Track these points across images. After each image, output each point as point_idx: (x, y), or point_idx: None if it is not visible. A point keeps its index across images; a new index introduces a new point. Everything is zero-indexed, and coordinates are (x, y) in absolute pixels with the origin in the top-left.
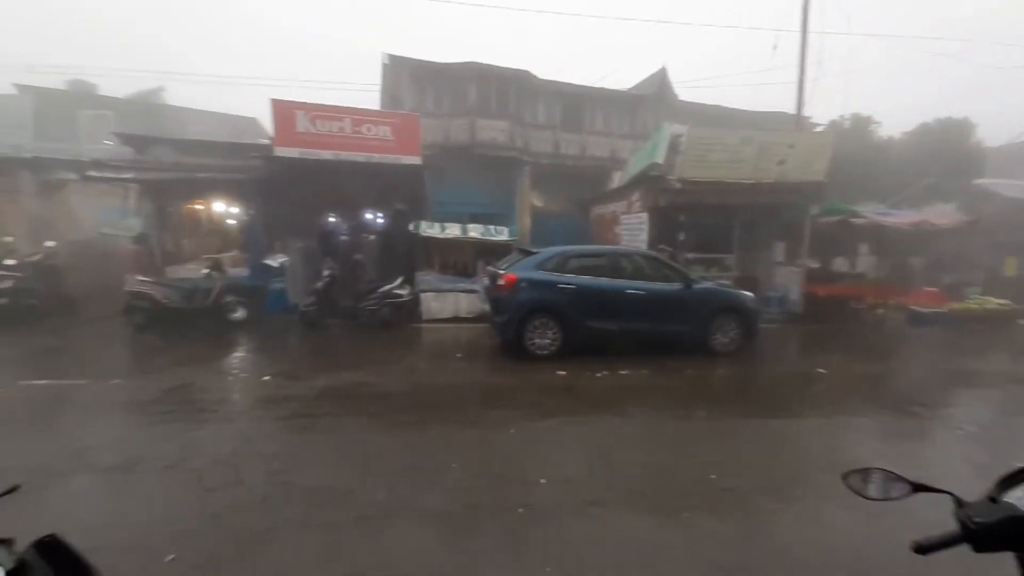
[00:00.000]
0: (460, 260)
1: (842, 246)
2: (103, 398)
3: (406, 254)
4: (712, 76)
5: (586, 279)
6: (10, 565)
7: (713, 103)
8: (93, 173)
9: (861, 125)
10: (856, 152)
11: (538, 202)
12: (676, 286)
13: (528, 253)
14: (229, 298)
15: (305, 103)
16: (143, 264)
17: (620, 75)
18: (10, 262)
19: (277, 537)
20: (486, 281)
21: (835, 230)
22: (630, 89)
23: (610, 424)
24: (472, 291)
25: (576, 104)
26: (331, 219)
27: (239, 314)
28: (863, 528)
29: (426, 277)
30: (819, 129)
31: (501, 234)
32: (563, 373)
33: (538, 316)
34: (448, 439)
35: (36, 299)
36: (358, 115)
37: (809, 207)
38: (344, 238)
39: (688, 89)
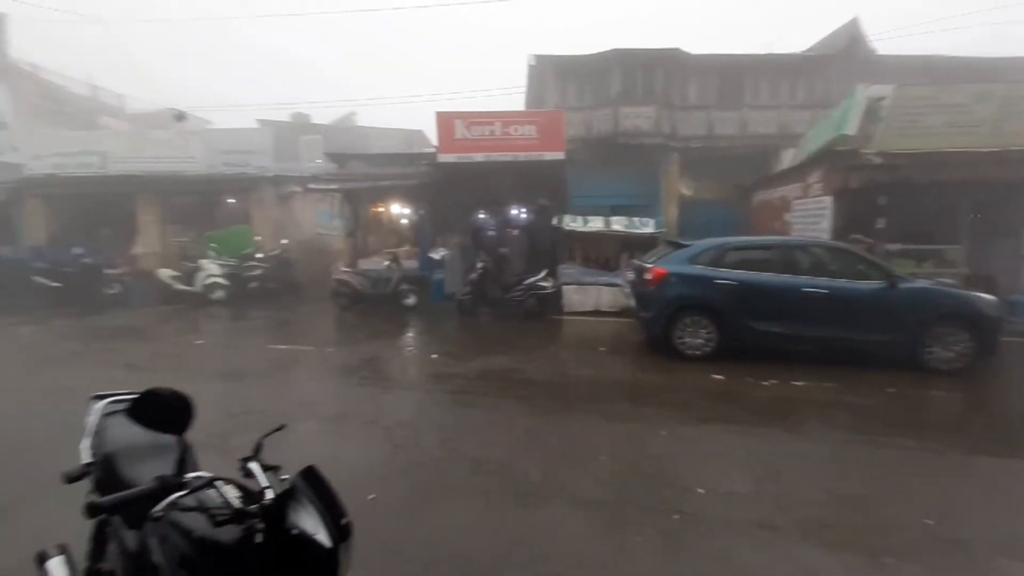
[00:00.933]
0: (603, 253)
1: None
2: (321, 362)
3: (550, 247)
4: (924, 21)
5: (750, 274)
6: (280, 488)
7: (927, 53)
8: (311, 186)
9: None
10: None
11: (687, 191)
12: (875, 285)
13: (678, 245)
14: (404, 286)
15: (462, 112)
16: (353, 256)
17: (794, 38)
18: (260, 255)
19: (450, 496)
20: (631, 275)
21: None
22: (807, 51)
23: (780, 439)
24: (614, 285)
25: (735, 77)
26: (480, 216)
27: (411, 300)
28: None
29: (569, 270)
30: None
31: (646, 226)
32: (720, 377)
33: (689, 313)
34: (596, 431)
35: (275, 283)
36: (506, 118)
37: None
38: (491, 233)
39: (891, 42)
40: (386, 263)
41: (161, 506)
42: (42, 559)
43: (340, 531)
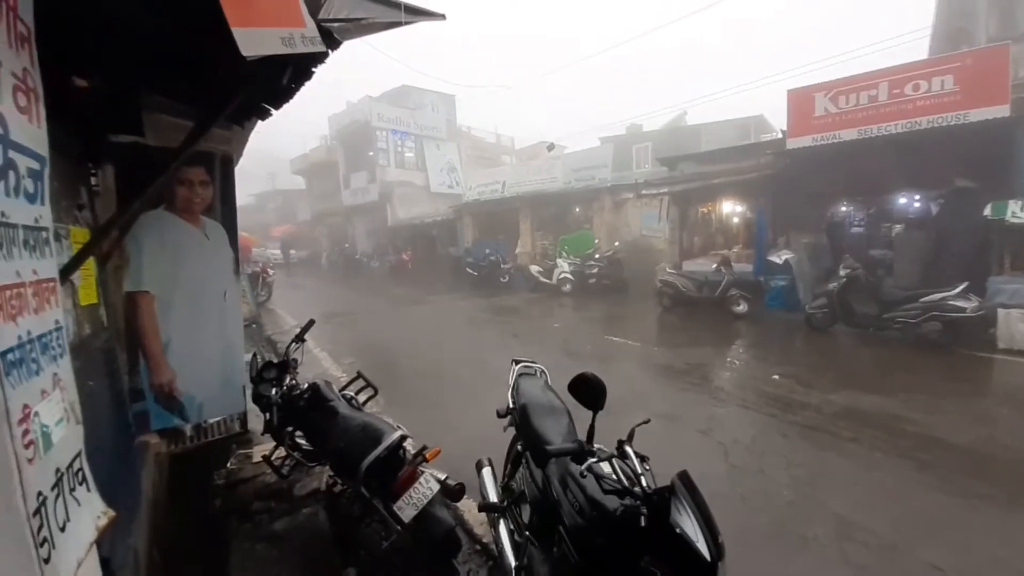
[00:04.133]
0: None
1: None
2: (650, 359)
3: (971, 251)
4: None
5: None
6: (651, 479)
7: None
8: (644, 192)
9: None
10: None
11: None
12: None
13: None
14: (733, 292)
15: (825, 83)
16: (678, 257)
17: None
18: (597, 256)
19: (809, 553)
20: None
21: None
22: None
23: None
24: None
25: None
26: (843, 208)
27: (741, 308)
28: None
29: (1012, 285)
30: None
31: None
32: None
33: None
34: None
35: (608, 280)
36: (899, 74)
37: None
38: (857, 230)
39: None
40: (714, 266)
41: (584, 466)
42: (479, 466)
43: (717, 548)
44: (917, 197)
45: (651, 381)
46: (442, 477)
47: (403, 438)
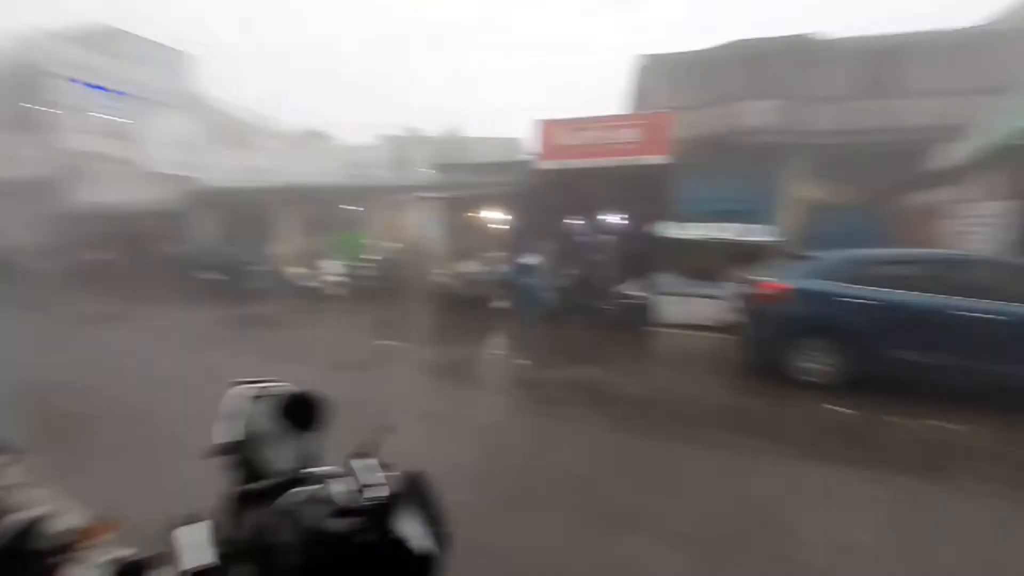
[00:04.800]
0: (707, 263)
1: None
2: (418, 359)
3: (646, 256)
4: None
5: (892, 293)
6: (388, 488)
7: None
8: (420, 195)
9: None
10: None
11: (815, 195)
12: None
13: (803, 258)
14: (495, 291)
15: (565, 119)
16: (451, 260)
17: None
18: (372, 258)
19: (538, 503)
20: (740, 288)
21: None
22: (980, 26)
23: (921, 491)
24: (717, 297)
25: (884, 61)
26: (573, 222)
27: (501, 304)
28: None
29: (666, 280)
30: None
31: (761, 234)
32: (844, 411)
33: (810, 336)
34: (691, 457)
35: (384, 283)
36: (610, 122)
37: None
38: (583, 239)
39: None
40: (478, 268)
41: (291, 498)
42: (181, 523)
43: (439, 539)
44: (621, 215)
45: (417, 381)
46: (119, 555)
47: (41, 519)
